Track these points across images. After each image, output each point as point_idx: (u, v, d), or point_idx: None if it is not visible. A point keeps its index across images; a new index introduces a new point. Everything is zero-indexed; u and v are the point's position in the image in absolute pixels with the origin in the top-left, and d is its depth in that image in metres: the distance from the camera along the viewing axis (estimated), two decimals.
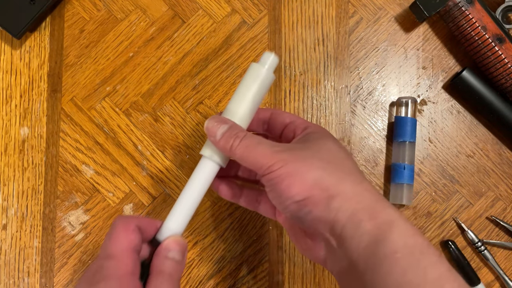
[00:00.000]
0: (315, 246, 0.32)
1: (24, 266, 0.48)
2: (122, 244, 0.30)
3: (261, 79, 0.34)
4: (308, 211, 0.29)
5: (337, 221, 0.28)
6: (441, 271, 0.26)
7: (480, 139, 0.52)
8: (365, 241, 0.27)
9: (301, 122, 0.36)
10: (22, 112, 0.50)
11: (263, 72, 0.35)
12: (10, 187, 0.49)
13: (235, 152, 0.32)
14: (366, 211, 0.28)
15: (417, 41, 0.52)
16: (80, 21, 0.52)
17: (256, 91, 0.34)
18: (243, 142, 0.32)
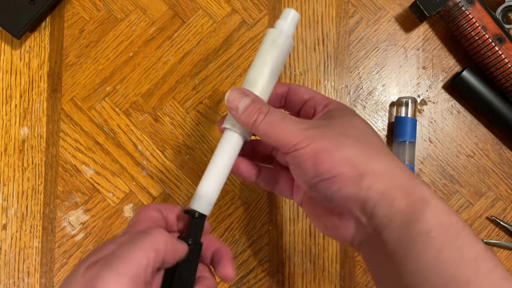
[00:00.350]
0: (342, 225, 0.31)
1: (24, 266, 0.48)
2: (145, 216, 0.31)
3: (279, 46, 0.33)
4: (338, 189, 0.28)
5: (369, 199, 0.28)
6: (477, 251, 0.25)
7: (480, 139, 0.52)
8: (398, 219, 0.26)
9: (321, 98, 0.35)
10: (22, 112, 0.50)
11: (282, 38, 0.33)
12: (10, 187, 0.49)
13: (258, 127, 0.30)
14: (399, 189, 0.27)
15: (417, 41, 0.52)
16: (80, 21, 0.52)
17: (275, 60, 0.33)
18: (267, 117, 0.30)
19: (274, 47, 0.33)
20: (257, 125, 0.30)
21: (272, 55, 0.33)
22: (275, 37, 0.33)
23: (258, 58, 0.33)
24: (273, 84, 0.34)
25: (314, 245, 0.49)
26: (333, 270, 0.49)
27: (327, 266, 0.49)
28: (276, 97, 0.36)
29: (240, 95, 0.31)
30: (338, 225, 0.31)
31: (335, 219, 0.31)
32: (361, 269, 0.50)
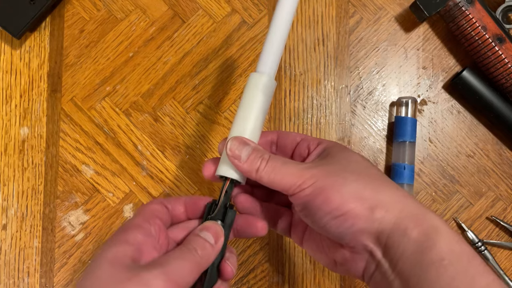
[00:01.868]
0: (354, 259, 0.31)
1: (24, 266, 0.48)
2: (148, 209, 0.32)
3: (263, 90, 0.33)
4: (350, 225, 0.28)
5: (382, 231, 0.28)
6: (489, 280, 0.26)
7: (480, 139, 0.52)
8: (411, 248, 0.27)
9: (313, 138, 0.35)
10: (22, 112, 0.50)
11: (264, 81, 0.33)
12: (10, 187, 0.49)
13: (262, 174, 0.31)
14: (410, 219, 0.28)
15: (417, 41, 0.52)
16: (80, 21, 0.52)
17: (261, 104, 0.33)
18: (269, 163, 0.31)
19: (260, 92, 0.33)
20: (260, 171, 0.31)
21: (258, 100, 0.33)
22: (259, 81, 0.33)
23: (244, 104, 0.33)
24: (261, 130, 0.34)
25: None
26: None
27: None
28: (267, 143, 0.37)
29: (241, 144, 0.32)
30: (350, 260, 0.31)
31: (347, 253, 0.31)
32: None
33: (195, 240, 0.30)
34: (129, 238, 0.28)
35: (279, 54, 0.34)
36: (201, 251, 0.29)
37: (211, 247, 0.30)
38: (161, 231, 0.31)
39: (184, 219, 0.35)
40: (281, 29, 0.33)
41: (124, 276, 0.26)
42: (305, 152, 0.35)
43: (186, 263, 0.28)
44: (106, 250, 0.28)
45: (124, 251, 0.27)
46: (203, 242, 0.30)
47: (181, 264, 0.28)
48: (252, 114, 0.33)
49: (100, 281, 0.26)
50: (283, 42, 0.34)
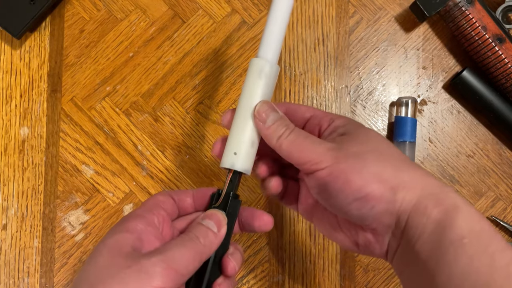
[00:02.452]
0: (377, 240, 0.30)
1: (24, 266, 0.48)
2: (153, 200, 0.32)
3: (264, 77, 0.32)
4: (372, 206, 0.28)
5: (403, 211, 0.28)
6: (509, 258, 0.25)
7: (480, 139, 0.52)
8: (430, 228, 0.26)
9: (324, 114, 0.34)
10: (22, 112, 0.50)
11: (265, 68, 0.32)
12: (10, 187, 0.49)
13: (282, 143, 0.30)
14: (430, 198, 0.27)
15: (417, 41, 0.52)
16: (80, 21, 0.52)
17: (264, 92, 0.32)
18: (292, 134, 0.30)
19: (262, 78, 0.32)
20: (281, 140, 0.30)
21: (261, 87, 0.32)
22: (261, 67, 0.32)
23: (245, 92, 0.32)
24: None
25: (314, 245, 0.49)
26: (333, 270, 0.49)
27: (327, 266, 0.49)
28: None
29: (270, 109, 0.31)
30: (373, 241, 0.30)
31: (369, 235, 0.30)
32: (361, 269, 0.50)
33: (197, 228, 0.30)
34: (130, 227, 0.28)
35: (280, 38, 0.33)
36: (203, 239, 0.29)
37: (214, 235, 0.30)
38: (165, 221, 0.31)
39: (192, 211, 0.34)
40: (282, 11, 0.33)
41: (123, 263, 0.26)
42: (316, 130, 0.34)
43: (187, 251, 0.27)
44: (107, 238, 0.28)
45: (124, 239, 0.27)
46: (206, 230, 0.30)
47: (182, 252, 0.27)
48: (253, 103, 0.32)
49: (100, 268, 0.26)
50: (285, 25, 0.33)
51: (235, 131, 0.32)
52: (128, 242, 0.27)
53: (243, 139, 0.32)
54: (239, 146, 0.32)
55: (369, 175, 0.28)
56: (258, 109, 0.31)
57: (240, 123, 0.32)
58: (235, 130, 0.32)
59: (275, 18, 0.33)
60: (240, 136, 0.32)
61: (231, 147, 0.32)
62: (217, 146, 0.34)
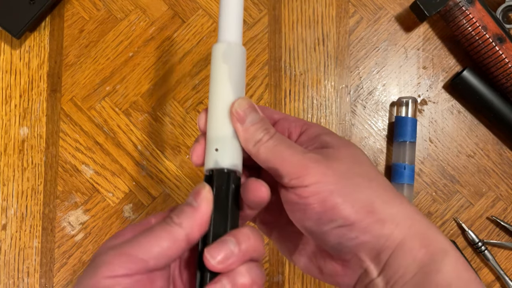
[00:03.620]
0: (344, 273, 0.27)
1: (23, 266, 0.48)
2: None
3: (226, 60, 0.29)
4: (355, 237, 0.25)
5: (387, 247, 0.25)
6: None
7: (480, 139, 0.52)
8: (413, 270, 0.24)
9: (295, 119, 0.30)
10: (21, 112, 0.50)
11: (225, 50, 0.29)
12: (9, 187, 0.49)
13: (260, 148, 0.26)
14: (417, 237, 0.25)
15: (418, 41, 0.52)
16: (80, 21, 0.51)
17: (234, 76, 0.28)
18: (273, 140, 0.26)
19: (227, 63, 0.28)
20: (259, 144, 0.26)
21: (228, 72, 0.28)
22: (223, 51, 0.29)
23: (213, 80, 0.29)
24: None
25: None
26: None
27: None
28: None
29: (250, 108, 0.27)
30: (340, 273, 0.27)
31: (337, 266, 0.27)
32: None
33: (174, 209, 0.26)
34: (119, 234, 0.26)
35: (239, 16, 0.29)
36: (178, 218, 0.25)
37: (192, 210, 0.25)
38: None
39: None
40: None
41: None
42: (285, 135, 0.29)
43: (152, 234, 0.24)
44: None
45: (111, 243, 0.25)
46: (181, 207, 0.26)
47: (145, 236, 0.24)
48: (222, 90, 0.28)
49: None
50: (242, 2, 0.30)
51: (211, 125, 0.28)
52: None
53: (222, 132, 0.28)
54: (219, 141, 0.27)
55: (360, 203, 0.25)
56: (237, 107, 0.27)
57: (214, 116, 0.28)
58: (211, 124, 0.28)
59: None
60: (218, 129, 0.28)
61: (211, 143, 0.28)
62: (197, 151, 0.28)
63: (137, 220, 0.49)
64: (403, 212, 0.26)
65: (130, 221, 0.49)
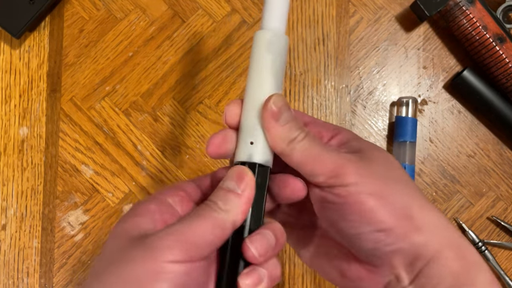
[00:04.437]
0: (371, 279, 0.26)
1: (23, 267, 0.48)
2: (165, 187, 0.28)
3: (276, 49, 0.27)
4: (390, 243, 0.24)
5: (421, 256, 0.24)
6: None
7: (481, 139, 0.51)
8: (449, 281, 0.24)
9: (325, 124, 0.30)
10: (21, 112, 0.50)
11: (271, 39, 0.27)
12: (9, 187, 0.49)
13: (295, 147, 0.25)
14: (453, 248, 0.24)
15: (418, 41, 0.52)
16: (80, 21, 0.51)
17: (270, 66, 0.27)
18: (307, 138, 0.26)
19: (271, 53, 0.27)
20: (295, 143, 0.26)
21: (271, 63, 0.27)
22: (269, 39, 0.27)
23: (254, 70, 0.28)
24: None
25: None
26: None
27: None
28: None
29: (286, 105, 0.26)
30: (365, 278, 0.26)
31: (363, 271, 0.26)
32: None
33: (216, 193, 0.25)
34: (139, 210, 0.25)
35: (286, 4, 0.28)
36: (223, 204, 0.24)
37: (236, 196, 0.25)
38: (183, 201, 0.26)
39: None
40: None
41: (129, 245, 0.23)
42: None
43: (201, 220, 0.23)
44: (115, 228, 0.25)
45: (133, 223, 0.24)
46: (225, 192, 0.25)
47: (195, 221, 0.23)
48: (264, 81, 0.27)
49: (105, 257, 0.23)
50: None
51: (247, 117, 0.27)
52: (137, 225, 0.24)
53: (258, 125, 0.26)
54: (255, 134, 0.26)
55: (398, 208, 0.24)
56: (272, 103, 0.26)
57: (252, 108, 0.27)
58: (247, 116, 0.27)
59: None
60: (255, 123, 0.27)
61: (246, 136, 0.27)
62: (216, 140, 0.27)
63: None
64: (438, 221, 0.25)
65: None
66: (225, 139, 0.27)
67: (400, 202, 0.25)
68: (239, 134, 0.27)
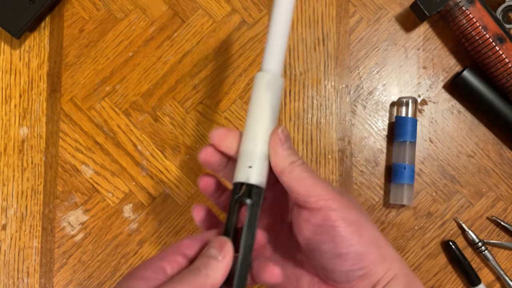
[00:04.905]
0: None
1: (23, 267, 0.48)
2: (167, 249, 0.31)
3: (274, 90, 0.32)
4: (362, 267, 0.29)
5: (383, 281, 0.29)
6: None
7: (480, 139, 0.52)
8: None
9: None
10: (21, 112, 0.50)
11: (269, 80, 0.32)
12: (9, 187, 0.49)
13: (295, 168, 0.29)
14: (404, 277, 0.29)
15: (418, 41, 0.52)
16: (80, 21, 0.51)
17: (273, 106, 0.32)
18: (304, 164, 0.30)
19: (269, 93, 0.31)
20: (295, 165, 0.29)
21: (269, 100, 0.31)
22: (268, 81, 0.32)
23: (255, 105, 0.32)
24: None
25: None
26: None
27: None
28: None
29: (289, 136, 0.31)
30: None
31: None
32: None
33: (198, 259, 0.29)
34: (140, 273, 0.28)
35: (283, 50, 0.32)
36: (205, 269, 0.28)
37: (216, 263, 0.28)
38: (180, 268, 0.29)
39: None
40: (283, 23, 0.32)
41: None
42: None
43: (184, 285, 0.26)
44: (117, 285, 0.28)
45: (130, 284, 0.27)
46: (207, 259, 0.28)
47: (178, 285, 0.26)
48: (263, 115, 0.31)
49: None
50: (286, 36, 0.33)
51: (247, 144, 0.31)
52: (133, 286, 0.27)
53: (256, 152, 0.30)
54: (253, 159, 0.30)
55: (371, 237, 0.29)
56: (281, 130, 0.30)
57: (252, 137, 0.31)
58: (247, 143, 0.31)
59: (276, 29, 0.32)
60: (253, 149, 0.30)
61: (245, 160, 0.30)
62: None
63: (137, 220, 0.49)
64: (394, 254, 0.30)
65: (130, 221, 0.49)
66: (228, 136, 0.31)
67: (372, 232, 0.29)
68: (239, 159, 0.31)
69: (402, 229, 0.50)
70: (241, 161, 0.31)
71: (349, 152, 0.51)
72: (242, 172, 0.30)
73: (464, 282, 0.50)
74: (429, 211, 0.50)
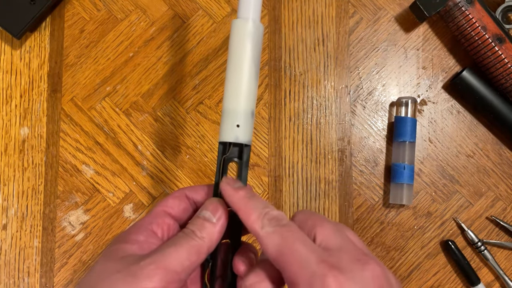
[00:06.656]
0: None
1: (24, 266, 0.48)
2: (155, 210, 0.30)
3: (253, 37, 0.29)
4: None
5: None
6: None
7: (480, 139, 0.52)
8: None
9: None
10: (22, 112, 0.50)
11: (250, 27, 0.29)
12: (10, 187, 0.49)
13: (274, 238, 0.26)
14: None
15: (417, 41, 0.52)
16: (80, 21, 0.52)
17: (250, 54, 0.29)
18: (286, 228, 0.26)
19: (250, 43, 0.29)
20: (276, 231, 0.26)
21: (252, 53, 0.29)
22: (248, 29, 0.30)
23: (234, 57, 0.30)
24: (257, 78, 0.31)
25: None
26: None
27: None
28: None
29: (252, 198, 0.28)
30: None
31: None
32: None
33: (192, 221, 0.28)
34: (130, 239, 0.28)
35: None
36: (200, 232, 0.27)
37: (211, 225, 0.28)
38: (170, 229, 0.29)
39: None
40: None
41: (114, 268, 0.25)
42: None
43: (180, 248, 0.26)
44: (107, 247, 0.27)
45: (123, 248, 0.27)
46: (202, 221, 0.28)
47: (174, 249, 0.26)
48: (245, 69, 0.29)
49: (93, 275, 0.26)
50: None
51: (231, 102, 0.29)
52: (126, 250, 0.27)
53: (243, 108, 0.29)
54: (239, 117, 0.29)
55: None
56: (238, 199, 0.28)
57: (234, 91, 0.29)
58: (231, 101, 0.29)
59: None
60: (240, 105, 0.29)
61: (231, 119, 0.29)
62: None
63: (137, 220, 0.50)
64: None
65: (130, 221, 0.50)
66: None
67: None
68: (223, 117, 0.30)
69: (402, 229, 0.50)
70: (226, 119, 0.29)
71: (348, 152, 0.51)
72: (230, 132, 0.29)
73: (463, 282, 0.50)
74: (428, 211, 0.51)
